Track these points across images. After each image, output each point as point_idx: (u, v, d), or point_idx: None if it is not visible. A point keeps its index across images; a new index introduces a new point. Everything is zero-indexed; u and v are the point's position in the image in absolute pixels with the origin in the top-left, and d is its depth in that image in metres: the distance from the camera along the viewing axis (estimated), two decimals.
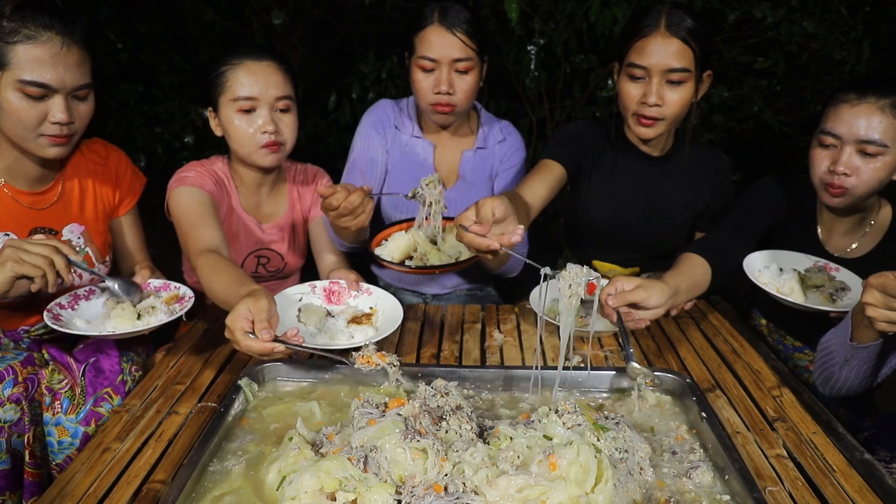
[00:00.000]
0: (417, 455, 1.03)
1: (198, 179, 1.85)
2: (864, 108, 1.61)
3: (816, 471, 1.17)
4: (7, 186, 1.65)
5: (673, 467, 1.14)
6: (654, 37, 1.78)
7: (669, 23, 1.76)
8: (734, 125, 3.52)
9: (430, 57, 1.91)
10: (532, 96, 3.33)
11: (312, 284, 1.76)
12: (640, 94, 1.83)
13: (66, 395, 1.44)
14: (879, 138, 1.60)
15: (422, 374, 1.36)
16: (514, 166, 2.15)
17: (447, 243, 1.77)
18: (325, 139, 3.79)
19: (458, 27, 1.88)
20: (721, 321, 1.75)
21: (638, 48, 1.81)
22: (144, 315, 1.59)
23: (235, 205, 1.96)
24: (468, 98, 1.98)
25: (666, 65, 1.77)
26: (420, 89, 1.97)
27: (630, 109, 1.87)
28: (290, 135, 1.88)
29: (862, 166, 1.63)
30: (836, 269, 1.73)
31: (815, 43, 3.05)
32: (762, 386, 1.44)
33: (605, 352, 1.58)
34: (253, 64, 1.80)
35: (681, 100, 1.81)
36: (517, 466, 1.01)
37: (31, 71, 1.50)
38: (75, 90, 1.57)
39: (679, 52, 1.77)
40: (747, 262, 1.75)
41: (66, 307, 1.59)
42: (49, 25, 1.50)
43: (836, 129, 1.65)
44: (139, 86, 3.72)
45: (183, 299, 1.64)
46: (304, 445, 1.11)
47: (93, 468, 1.16)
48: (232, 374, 1.46)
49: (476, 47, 1.92)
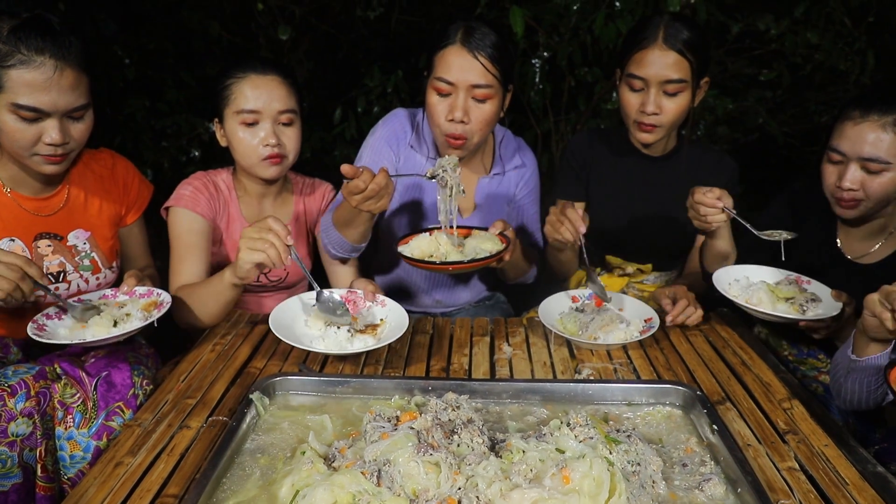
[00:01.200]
0: (430, 469, 1.03)
1: (191, 199, 1.88)
2: (868, 126, 1.64)
3: (829, 484, 1.16)
4: (13, 193, 1.67)
5: (684, 480, 1.14)
6: (652, 49, 1.85)
7: (667, 35, 1.83)
8: (738, 137, 3.53)
9: (446, 79, 1.80)
10: (537, 109, 3.35)
11: (330, 292, 1.77)
12: (639, 103, 1.91)
13: (79, 409, 1.45)
14: (882, 156, 1.62)
15: (432, 388, 1.37)
16: (532, 189, 2.16)
17: (467, 247, 1.81)
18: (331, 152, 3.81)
19: (481, 50, 1.77)
20: (730, 333, 1.75)
21: (636, 60, 1.88)
22: (120, 322, 1.59)
23: (235, 214, 1.99)
24: (483, 130, 1.87)
25: (663, 76, 1.86)
26: (433, 114, 1.86)
27: (630, 117, 1.96)
28: (292, 147, 1.90)
29: (868, 181, 1.66)
30: (808, 282, 1.75)
31: (819, 54, 3.06)
32: (772, 398, 1.43)
33: (615, 364, 1.58)
34: (257, 77, 1.83)
35: (678, 108, 1.90)
36: (530, 480, 1.01)
37: (24, 95, 1.51)
38: (70, 112, 1.58)
39: (676, 63, 1.85)
40: (717, 275, 1.79)
41: (52, 317, 1.59)
42: (42, 49, 1.50)
43: (840, 146, 1.68)
44: (146, 100, 3.75)
45: (161, 305, 1.64)
46: (317, 459, 1.11)
47: (105, 482, 1.16)
48: (243, 388, 1.46)
49: (499, 74, 1.81)
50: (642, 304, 1.78)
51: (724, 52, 3.28)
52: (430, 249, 1.80)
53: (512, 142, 2.14)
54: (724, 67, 3.35)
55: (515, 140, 2.16)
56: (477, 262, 1.73)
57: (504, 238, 1.84)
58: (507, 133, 2.15)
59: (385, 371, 1.55)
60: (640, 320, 1.70)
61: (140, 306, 1.65)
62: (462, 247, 1.82)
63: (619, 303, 1.79)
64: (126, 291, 1.70)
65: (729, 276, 1.80)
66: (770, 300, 1.69)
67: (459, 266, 1.73)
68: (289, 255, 1.55)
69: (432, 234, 1.84)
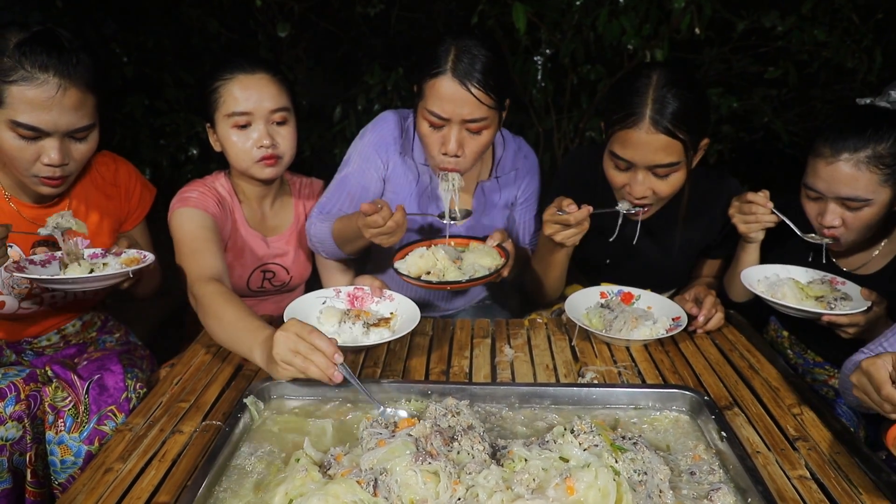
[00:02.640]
0: (429, 478, 0.99)
1: (200, 201, 1.81)
2: (840, 167, 1.57)
3: (841, 493, 1.12)
4: (13, 200, 1.63)
5: (692, 489, 1.11)
6: (637, 131, 1.62)
7: (655, 113, 1.61)
8: (743, 136, 3.49)
9: (438, 114, 1.70)
10: (539, 107, 3.31)
11: (337, 289, 1.76)
12: (626, 183, 1.73)
13: (70, 412, 1.42)
14: (860, 195, 1.57)
15: (431, 392, 1.33)
16: (533, 192, 2.09)
17: (465, 261, 1.78)
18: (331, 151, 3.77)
19: (474, 81, 1.65)
20: (737, 336, 1.71)
21: (621, 139, 1.66)
22: (97, 271, 1.57)
23: (240, 220, 1.93)
24: (477, 157, 1.80)
25: (651, 161, 1.66)
26: (426, 144, 1.79)
27: (617, 193, 1.80)
28: (287, 147, 1.84)
29: (849, 217, 1.62)
30: (843, 283, 1.69)
31: (826, 51, 3.01)
32: (782, 403, 1.40)
33: (619, 367, 1.54)
34: (245, 78, 1.77)
35: (670, 187, 1.72)
36: (532, 490, 0.98)
37: (23, 113, 1.45)
38: (71, 132, 1.52)
39: (665, 147, 1.63)
40: (745, 273, 1.73)
41: (36, 264, 1.58)
42: (46, 66, 1.44)
43: (815, 185, 1.63)
44: (144, 98, 3.72)
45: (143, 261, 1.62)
46: (312, 467, 1.07)
47: (94, 489, 1.12)
48: (237, 392, 1.42)
49: (494, 102, 1.70)
50: (671, 302, 1.75)
51: (729, 50, 3.24)
52: (426, 265, 1.76)
53: (512, 143, 2.05)
54: (729, 65, 3.31)
55: (515, 141, 2.07)
56: (476, 282, 1.71)
57: (503, 251, 1.80)
58: (507, 135, 2.06)
59: (383, 374, 1.52)
60: (668, 318, 1.68)
61: (121, 261, 1.63)
62: (460, 261, 1.79)
63: (647, 300, 1.76)
64: (115, 252, 1.67)
65: (759, 273, 1.75)
66: (796, 296, 1.65)
67: (458, 286, 1.71)
68: (334, 373, 1.27)
69: (430, 248, 1.80)
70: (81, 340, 1.86)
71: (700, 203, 1.88)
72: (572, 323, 1.70)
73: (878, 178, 1.55)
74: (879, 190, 1.57)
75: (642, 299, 1.77)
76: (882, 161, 1.54)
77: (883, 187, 1.56)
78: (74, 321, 1.83)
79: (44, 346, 1.79)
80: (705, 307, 1.69)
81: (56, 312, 1.76)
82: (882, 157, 1.54)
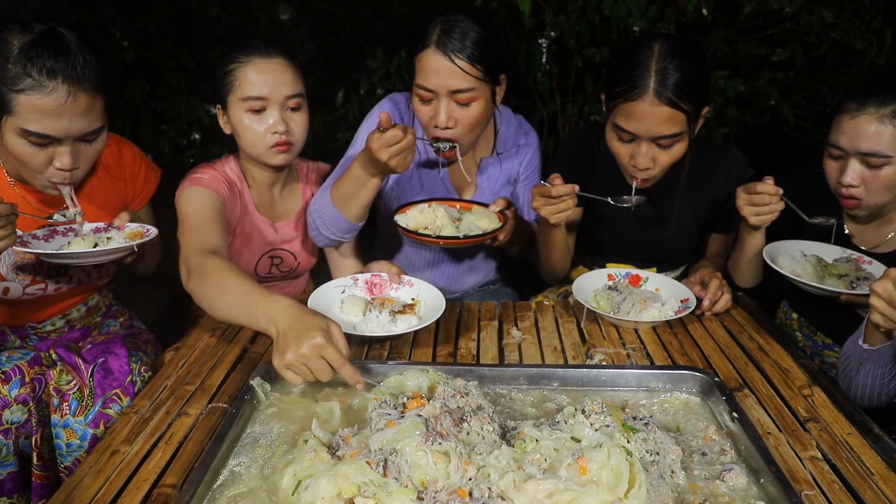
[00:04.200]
0: (439, 458, 0.98)
1: (212, 183, 1.79)
2: (864, 120, 1.56)
3: (854, 474, 1.11)
4: (17, 185, 1.62)
5: (704, 469, 1.10)
6: (641, 103, 1.61)
7: (658, 84, 1.59)
8: (749, 119, 3.45)
9: (425, 87, 1.73)
10: (543, 90, 3.28)
11: (355, 277, 1.76)
12: (629, 154, 1.73)
13: (75, 396, 1.41)
14: (882, 150, 1.55)
15: (439, 374, 1.32)
16: (535, 169, 2.10)
17: (463, 222, 1.78)
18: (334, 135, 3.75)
19: (457, 52, 1.68)
20: (746, 318, 1.69)
21: (625, 111, 1.65)
22: (101, 245, 1.57)
23: (249, 205, 1.91)
24: (473, 130, 1.82)
25: (655, 132, 1.65)
26: (420, 119, 1.83)
27: (621, 164, 1.80)
28: (300, 134, 1.83)
29: (869, 176, 1.59)
30: (869, 262, 1.67)
31: (834, 33, 2.97)
32: (792, 385, 1.38)
33: (627, 349, 1.53)
34: (262, 62, 1.74)
35: (674, 156, 1.71)
36: (544, 470, 0.97)
37: (33, 122, 1.42)
38: (82, 136, 1.50)
39: (669, 118, 1.62)
40: (768, 248, 1.70)
41: (39, 238, 1.58)
42: (54, 73, 1.40)
43: (839, 141, 1.61)
44: (145, 84, 3.69)
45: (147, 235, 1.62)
46: (320, 448, 1.06)
47: (101, 472, 1.12)
48: (243, 374, 1.42)
49: (481, 74, 1.71)
50: (679, 284, 1.73)
51: (735, 32, 3.20)
52: (425, 221, 1.77)
53: (513, 120, 2.08)
54: (735, 48, 3.27)
55: (516, 118, 2.09)
56: (470, 239, 1.71)
57: (502, 216, 1.81)
58: (507, 112, 2.08)
59: (390, 356, 1.51)
60: (676, 300, 1.66)
61: (124, 235, 1.63)
62: (459, 221, 1.79)
63: (655, 282, 1.76)
64: (118, 226, 1.66)
65: (783, 249, 1.72)
66: (816, 273, 1.63)
67: (451, 241, 1.70)
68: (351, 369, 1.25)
69: (431, 206, 1.81)
70: (86, 325, 1.85)
71: (702, 174, 1.87)
72: (580, 305, 1.68)
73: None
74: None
75: (650, 281, 1.76)
76: None
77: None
78: (80, 306, 1.82)
79: (48, 331, 1.78)
80: (710, 290, 1.67)
81: (61, 297, 1.75)
82: None
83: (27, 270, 1.62)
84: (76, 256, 1.50)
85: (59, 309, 1.77)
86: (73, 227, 1.63)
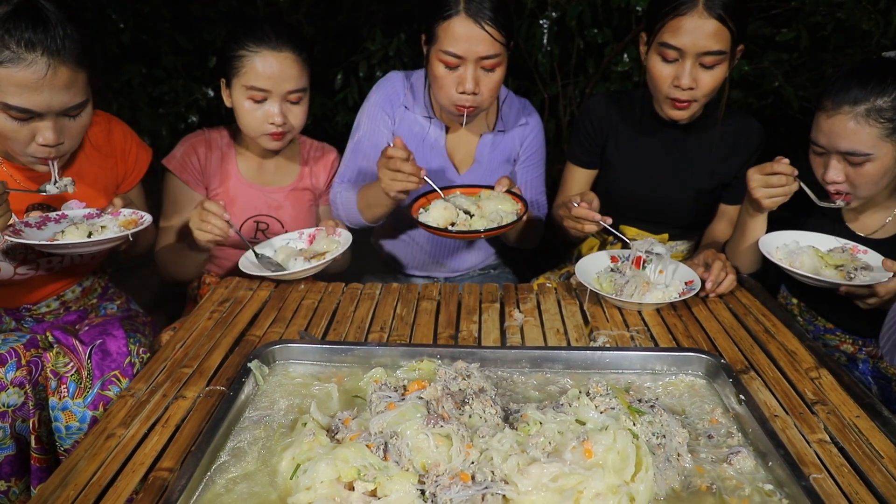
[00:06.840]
0: (441, 441, 0.96)
1: (179, 162, 1.92)
2: (840, 119, 1.53)
3: (863, 457, 1.09)
4: (6, 164, 1.59)
5: (710, 452, 1.08)
6: (691, 16, 1.68)
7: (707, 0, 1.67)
8: (752, 101, 3.41)
9: (454, 53, 1.75)
10: (544, 72, 3.24)
11: (300, 231, 1.91)
12: (673, 76, 1.76)
13: (73, 378, 1.39)
14: (860, 149, 1.53)
15: (440, 356, 1.30)
16: (536, 150, 2.10)
17: (485, 209, 1.78)
18: (332, 118, 3.71)
19: (486, 19, 1.71)
20: (751, 300, 1.67)
21: (672, 27, 1.71)
22: (95, 234, 1.56)
23: (233, 171, 1.96)
24: (492, 96, 1.85)
25: (702, 47, 1.70)
26: (442, 86, 1.82)
27: (661, 91, 1.81)
28: (298, 124, 1.89)
29: (852, 173, 1.58)
30: (864, 252, 1.65)
31: (840, 12, 2.93)
32: (799, 367, 1.36)
33: (631, 332, 1.51)
34: (271, 55, 1.76)
35: (714, 81, 1.76)
36: (549, 453, 0.94)
37: (13, 96, 1.39)
38: (65, 111, 1.47)
39: (716, 33, 1.68)
40: (763, 239, 1.69)
41: (31, 226, 1.56)
42: (33, 45, 1.37)
43: (818, 139, 1.60)
44: (142, 66, 3.65)
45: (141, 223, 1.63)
46: (319, 431, 1.04)
47: (97, 455, 1.10)
48: (241, 357, 1.39)
49: (504, 39, 1.76)
50: (684, 266, 1.71)
51: None
52: (450, 216, 1.77)
53: (516, 101, 2.09)
54: None
55: (520, 100, 2.11)
56: (505, 227, 1.71)
57: (514, 195, 1.82)
58: (509, 93, 2.10)
59: (390, 338, 1.49)
60: (681, 282, 1.64)
61: (119, 223, 1.62)
62: (480, 209, 1.80)
63: (660, 264, 1.74)
64: (111, 212, 1.64)
65: (778, 240, 1.71)
66: (814, 265, 1.61)
67: (491, 232, 1.71)
68: (229, 228, 1.67)
69: (448, 199, 1.82)
70: (82, 307, 1.83)
71: (728, 135, 1.94)
72: (582, 287, 1.66)
73: (879, 132, 1.51)
74: (880, 144, 1.52)
75: (654, 263, 1.73)
76: (882, 115, 1.50)
77: (885, 142, 1.52)
78: (74, 287, 1.80)
79: (43, 313, 1.76)
80: (713, 272, 1.65)
81: (54, 278, 1.73)
82: (882, 110, 1.50)
83: (17, 251, 1.60)
84: (71, 247, 1.50)
85: (53, 290, 1.75)
86: (66, 215, 1.61)
